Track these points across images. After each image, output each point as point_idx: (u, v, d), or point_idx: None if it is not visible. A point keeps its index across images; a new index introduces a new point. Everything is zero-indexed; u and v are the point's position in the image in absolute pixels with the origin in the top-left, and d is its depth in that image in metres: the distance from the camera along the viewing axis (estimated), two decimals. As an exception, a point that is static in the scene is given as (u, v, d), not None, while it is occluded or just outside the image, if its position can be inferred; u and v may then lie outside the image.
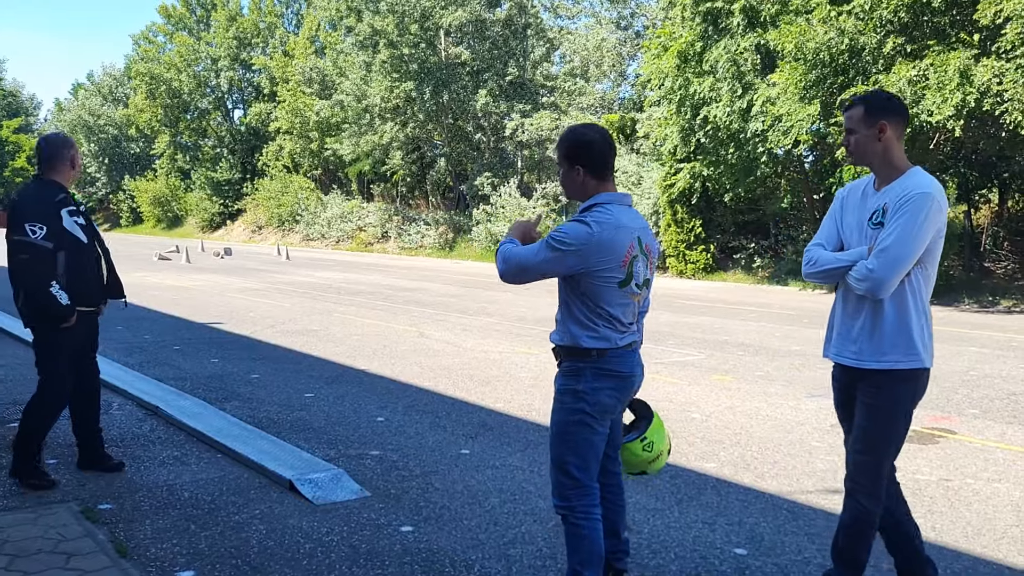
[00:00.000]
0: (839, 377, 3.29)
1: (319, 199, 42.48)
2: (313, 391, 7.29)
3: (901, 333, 3.03)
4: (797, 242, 21.48)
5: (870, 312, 3.07)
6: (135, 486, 4.67)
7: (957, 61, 14.00)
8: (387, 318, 12.64)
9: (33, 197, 4.58)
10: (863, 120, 3.10)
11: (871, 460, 3.12)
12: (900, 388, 3.07)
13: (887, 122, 3.08)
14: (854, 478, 3.17)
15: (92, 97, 63.51)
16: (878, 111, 3.10)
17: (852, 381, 3.19)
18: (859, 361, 3.11)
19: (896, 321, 3.04)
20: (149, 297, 14.96)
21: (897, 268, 2.95)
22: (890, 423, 3.10)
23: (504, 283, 3.28)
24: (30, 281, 4.43)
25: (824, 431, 6.15)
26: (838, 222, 3.27)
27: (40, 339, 4.64)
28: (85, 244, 4.65)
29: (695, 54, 19.93)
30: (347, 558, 3.74)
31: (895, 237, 2.95)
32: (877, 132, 3.08)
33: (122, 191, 60.92)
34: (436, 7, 32.38)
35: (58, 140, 4.83)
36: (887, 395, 3.08)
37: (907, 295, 3.04)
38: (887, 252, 2.95)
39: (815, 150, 20.85)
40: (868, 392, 3.11)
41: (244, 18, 52.70)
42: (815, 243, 3.29)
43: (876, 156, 3.13)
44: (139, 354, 8.98)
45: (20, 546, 3.70)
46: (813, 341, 10.74)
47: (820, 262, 3.20)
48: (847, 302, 3.18)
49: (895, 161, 3.11)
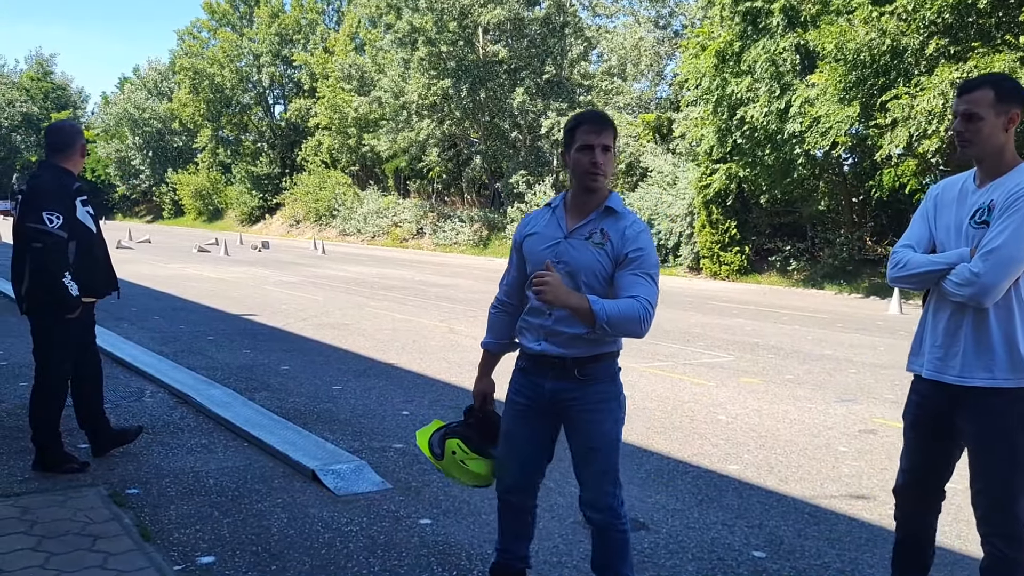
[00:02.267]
0: (930, 395, 2.90)
1: (356, 194, 42.82)
2: (341, 383, 7.37)
3: (1009, 347, 2.70)
4: (834, 245, 21.19)
5: (972, 323, 2.73)
6: (162, 472, 4.76)
7: (1002, 63, 13.72)
8: (418, 314, 12.72)
9: (50, 184, 4.47)
10: (993, 106, 2.70)
11: (1001, 497, 2.74)
12: (1011, 409, 2.71)
13: (1019, 111, 2.73)
14: (986, 520, 2.80)
15: (137, 91, 64.64)
16: (1011, 97, 2.72)
17: (950, 402, 2.82)
18: (963, 378, 2.75)
19: (1002, 333, 2.70)
20: (187, 288, 15.22)
21: (1008, 272, 2.62)
22: (1009, 449, 2.72)
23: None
24: (44, 270, 4.36)
25: (852, 436, 6.08)
26: (931, 222, 2.91)
27: (39, 327, 4.57)
28: (95, 234, 4.64)
29: (733, 54, 19.76)
30: (365, 548, 3.79)
31: (1007, 237, 2.60)
32: (1007, 121, 2.71)
33: (165, 184, 61.96)
34: (475, 5, 32.46)
35: (71, 127, 4.75)
36: (999, 419, 2.72)
37: (1013, 303, 2.70)
38: (996, 253, 2.61)
39: (854, 152, 20.55)
40: (976, 418, 2.77)
41: (286, 15, 53.29)
42: (903, 244, 2.93)
43: (995, 148, 2.73)
44: (174, 344, 9.14)
45: (49, 527, 3.80)
46: (846, 345, 10.61)
47: (912, 265, 2.84)
48: (941, 311, 2.83)
49: (1008, 156, 2.75)
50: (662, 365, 8.79)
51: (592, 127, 2.88)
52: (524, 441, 3.10)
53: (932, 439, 2.93)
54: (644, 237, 2.93)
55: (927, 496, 3.04)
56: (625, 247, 2.89)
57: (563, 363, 2.95)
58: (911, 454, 3.02)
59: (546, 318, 2.95)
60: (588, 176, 2.89)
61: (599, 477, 3.00)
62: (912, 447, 3.01)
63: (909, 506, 3.07)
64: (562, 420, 3.06)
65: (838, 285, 20.05)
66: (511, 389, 3.13)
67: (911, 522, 3.07)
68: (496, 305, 3.22)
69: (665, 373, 8.34)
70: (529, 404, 3.06)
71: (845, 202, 21.23)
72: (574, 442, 3.05)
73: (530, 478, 3.17)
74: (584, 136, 2.87)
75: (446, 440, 3.19)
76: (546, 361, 2.98)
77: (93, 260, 4.63)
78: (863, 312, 15.36)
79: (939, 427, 2.90)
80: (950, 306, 2.79)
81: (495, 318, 3.22)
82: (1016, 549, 2.74)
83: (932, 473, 3.00)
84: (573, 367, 2.94)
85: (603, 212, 2.95)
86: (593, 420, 2.97)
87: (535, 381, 3.03)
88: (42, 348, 4.61)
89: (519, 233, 3.10)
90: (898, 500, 3.10)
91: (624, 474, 4.93)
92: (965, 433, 2.83)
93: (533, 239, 3.03)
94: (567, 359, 2.94)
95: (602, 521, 3.02)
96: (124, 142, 64.74)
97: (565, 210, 3.01)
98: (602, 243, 2.89)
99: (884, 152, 15.84)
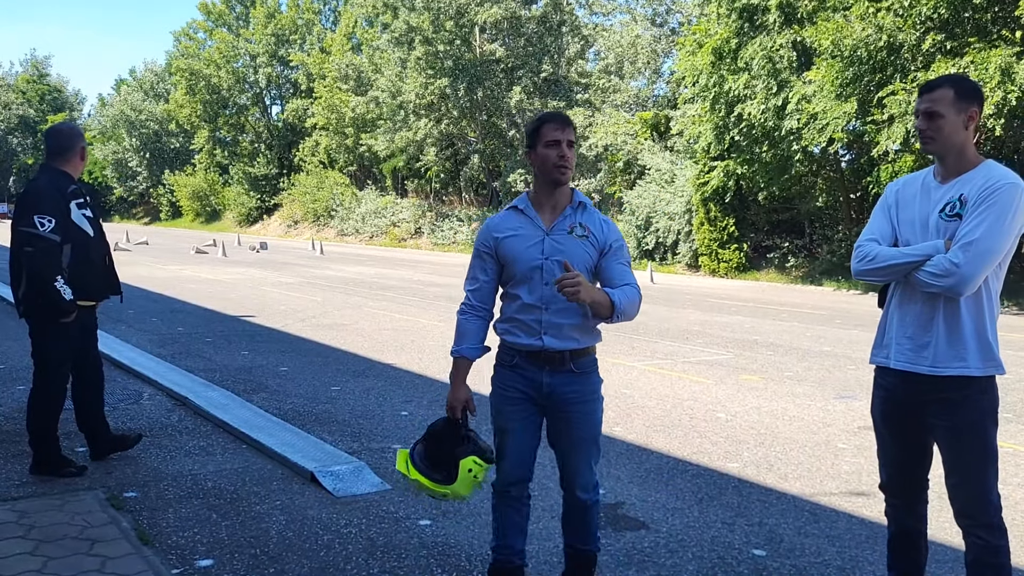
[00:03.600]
0: (898, 386, 2.92)
1: (354, 195, 42.84)
2: (340, 384, 7.35)
3: (980, 337, 2.77)
4: (832, 241, 21.21)
5: (945, 313, 2.78)
6: (160, 475, 4.75)
7: (998, 59, 13.73)
8: (416, 313, 12.71)
9: (45, 187, 4.47)
10: (953, 104, 2.78)
11: (977, 488, 2.80)
12: (980, 399, 2.79)
13: (977, 110, 2.81)
14: (965, 513, 2.84)
15: (134, 92, 64.63)
16: (970, 96, 2.80)
17: (921, 395, 2.85)
18: (937, 368, 2.78)
19: (973, 324, 2.77)
20: (185, 290, 15.20)
21: (986, 262, 2.68)
22: (981, 439, 2.79)
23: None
24: (35, 274, 4.36)
25: (851, 433, 6.07)
26: (892, 217, 2.97)
27: (36, 330, 4.55)
28: (92, 237, 4.61)
29: (730, 51, 19.77)
30: (364, 550, 3.78)
31: (985, 228, 2.67)
32: (966, 119, 2.79)
33: (162, 185, 61.95)
34: (472, 4, 32.46)
35: (70, 130, 4.74)
36: (969, 409, 2.77)
37: (982, 295, 2.77)
38: (976, 244, 2.66)
39: (851, 149, 20.56)
40: (947, 411, 2.80)
41: (283, 15, 53.29)
42: (868, 238, 2.97)
43: (956, 145, 2.82)
44: (172, 345, 9.13)
45: (46, 532, 3.78)
46: (845, 342, 10.61)
47: (882, 257, 2.87)
48: (909, 303, 2.87)
49: (970, 153, 2.84)
50: (661, 363, 8.79)
51: (556, 124, 3.05)
52: (522, 434, 3.19)
53: (905, 430, 2.96)
54: (616, 227, 3.20)
55: (913, 487, 3.07)
56: (608, 238, 3.10)
57: (561, 357, 3.07)
58: (887, 448, 3.06)
59: (542, 313, 3.04)
60: (557, 169, 3.04)
61: (589, 462, 3.19)
62: (887, 441, 3.05)
63: (897, 500, 3.09)
64: (553, 411, 3.15)
65: (836, 281, 20.05)
66: (501, 387, 3.19)
67: (902, 515, 3.09)
68: (466, 311, 3.21)
69: (664, 371, 8.33)
70: (523, 398, 3.15)
71: (843, 198, 21.24)
72: (569, 433, 3.15)
73: (529, 468, 3.27)
74: (550, 133, 3.04)
75: (459, 461, 3.13)
76: (546, 356, 3.08)
77: (89, 263, 4.60)
78: (861, 308, 15.36)
79: (910, 418, 2.93)
80: (921, 298, 2.83)
81: (469, 324, 3.20)
82: (998, 536, 2.80)
83: (912, 463, 3.02)
84: (569, 360, 3.08)
85: (576, 207, 3.12)
86: (588, 411, 3.14)
87: (530, 376, 3.12)
88: (40, 351, 4.59)
89: (487, 238, 3.16)
90: (886, 495, 3.13)
91: (624, 473, 4.94)
92: (937, 428, 2.86)
93: (513, 240, 3.10)
94: (565, 353, 3.07)
95: (589, 499, 3.22)
96: (121, 144, 64.72)
97: (536, 209, 3.12)
98: (585, 235, 3.07)
99: (881, 148, 15.85)
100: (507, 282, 3.14)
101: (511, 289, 3.12)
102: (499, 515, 3.29)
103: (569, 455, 3.19)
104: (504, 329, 3.16)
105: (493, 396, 3.22)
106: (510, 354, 3.16)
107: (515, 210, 3.15)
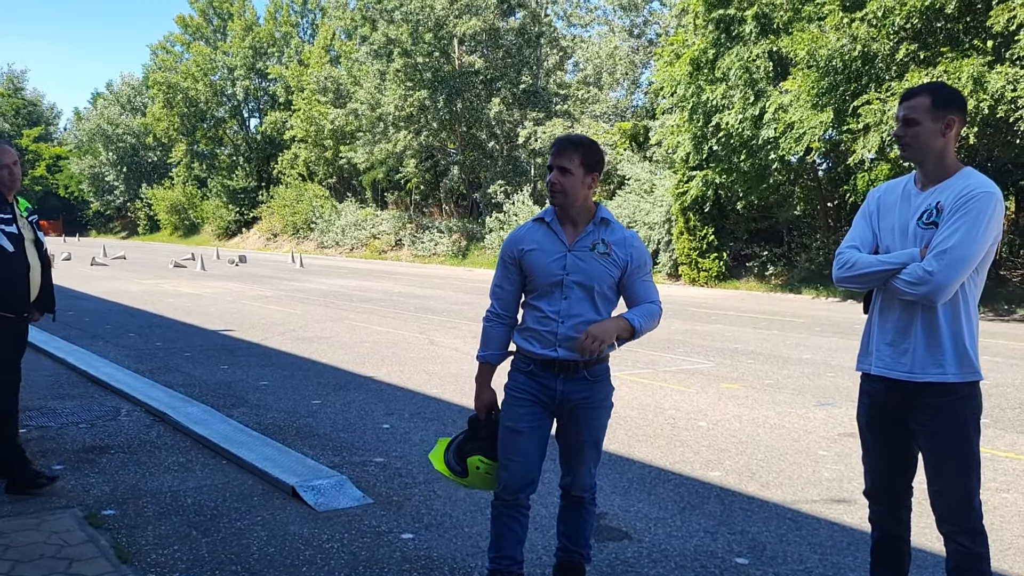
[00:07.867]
0: (880, 392, 2.94)
1: (333, 207, 42.70)
2: (320, 398, 7.31)
3: (957, 344, 2.78)
4: (810, 249, 21.38)
5: (923, 321, 2.80)
6: (140, 492, 4.69)
7: (971, 68, 13.92)
8: (397, 325, 12.67)
9: None
10: (930, 112, 2.80)
11: (959, 495, 2.80)
12: (963, 405, 2.79)
13: (956, 118, 2.82)
14: (947, 520, 2.84)
15: (111, 106, 64.14)
16: (948, 104, 2.82)
17: (901, 401, 2.87)
18: (914, 375, 2.80)
19: (950, 331, 2.78)
20: (163, 304, 15.07)
21: (960, 270, 2.69)
22: (963, 445, 2.80)
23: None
24: None
25: (832, 440, 6.11)
26: (873, 224, 2.98)
27: None
28: (11, 253, 4.57)
29: (707, 62, 19.93)
30: (346, 565, 3.75)
31: (960, 237, 2.68)
32: (943, 127, 2.80)
33: (140, 199, 61.46)
34: (450, 16, 32.53)
35: None
36: (951, 415, 2.79)
37: (960, 302, 2.78)
38: (950, 253, 2.68)
39: (828, 157, 20.76)
40: (928, 418, 2.82)
41: (260, 28, 53.14)
42: (848, 245, 2.99)
43: (934, 152, 2.83)
44: (150, 361, 9.04)
45: (23, 551, 3.73)
46: (824, 349, 10.68)
47: (860, 264, 2.88)
48: (889, 311, 2.89)
49: (949, 160, 2.85)
50: (643, 372, 8.81)
51: (555, 149, 3.17)
52: (530, 437, 3.25)
53: (889, 436, 2.97)
54: (641, 243, 3.28)
55: (897, 493, 3.07)
56: (631, 256, 3.19)
57: (576, 366, 3.17)
58: (872, 454, 3.07)
59: (559, 325, 3.15)
60: (549, 193, 3.20)
61: (592, 464, 3.32)
62: (872, 447, 3.06)
63: (881, 506, 3.10)
64: (564, 416, 3.25)
65: (815, 289, 20.20)
66: (514, 390, 3.26)
67: (886, 521, 3.10)
68: (491, 318, 3.33)
69: (646, 380, 8.35)
70: (535, 403, 3.23)
71: (820, 207, 21.43)
72: (575, 435, 3.26)
73: (535, 477, 3.31)
74: (551, 157, 3.18)
75: (466, 458, 3.35)
76: (560, 365, 3.17)
77: (5, 277, 4.54)
78: (841, 316, 15.49)
79: (894, 424, 2.93)
80: (899, 305, 2.85)
81: (494, 331, 3.33)
82: (980, 544, 2.81)
83: (896, 470, 3.03)
84: (583, 369, 3.19)
85: (599, 223, 3.19)
86: (597, 416, 3.26)
87: (544, 383, 3.21)
88: None
89: (513, 248, 3.25)
90: (870, 501, 3.13)
91: (606, 483, 4.94)
92: (920, 434, 2.87)
93: (535, 254, 3.19)
94: (580, 362, 3.16)
95: (587, 499, 3.37)
96: (98, 158, 64.18)
97: (561, 223, 3.20)
98: (607, 252, 3.15)
99: (857, 157, 16.02)
100: (530, 292, 3.26)
101: (532, 300, 3.24)
102: (498, 525, 3.32)
103: (573, 455, 3.30)
104: (521, 337, 3.26)
105: (506, 397, 3.30)
106: (526, 361, 3.25)
107: (541, 222, 3.24)
